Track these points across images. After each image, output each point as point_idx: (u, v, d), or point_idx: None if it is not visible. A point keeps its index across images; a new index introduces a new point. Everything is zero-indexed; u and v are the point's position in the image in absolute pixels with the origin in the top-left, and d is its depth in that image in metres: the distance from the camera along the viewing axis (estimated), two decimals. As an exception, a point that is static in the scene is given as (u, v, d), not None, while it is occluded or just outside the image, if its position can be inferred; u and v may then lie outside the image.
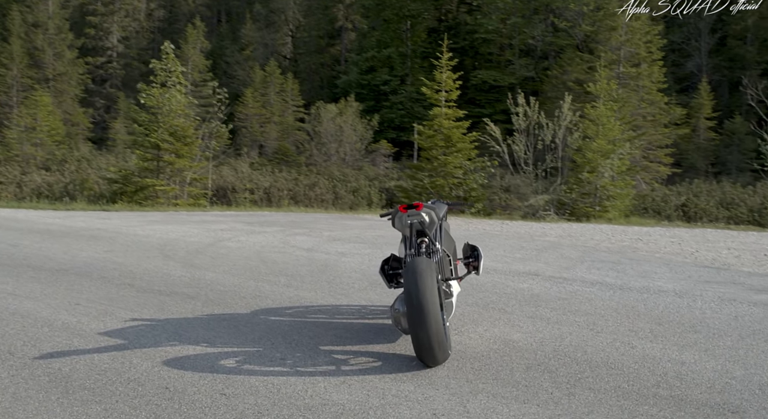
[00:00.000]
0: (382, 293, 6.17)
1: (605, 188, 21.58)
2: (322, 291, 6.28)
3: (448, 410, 3.29)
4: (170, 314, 5.33)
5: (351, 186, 35.01)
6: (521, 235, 13.27)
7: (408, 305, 3.78)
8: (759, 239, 15.86)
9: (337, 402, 3.41)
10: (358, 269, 7.62)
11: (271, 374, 3.85)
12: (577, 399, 3.44)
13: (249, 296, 6.06)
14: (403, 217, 4.23)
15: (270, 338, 4.63)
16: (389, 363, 4.04)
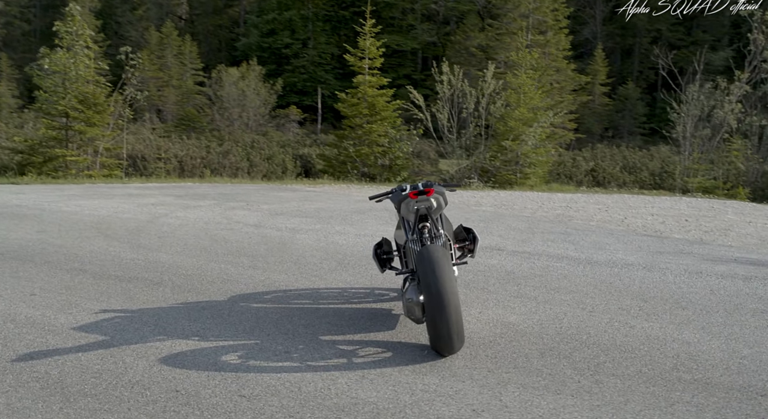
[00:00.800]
0: (356, 274, 6.05)
1: (527, 155, 21.96)
2: (293, 274, 6.07)
3: (485, 404, 3.20)
4: (142, 303, 5.01)
5: (265, 153, 34.33)
6: (458, 205, 13.33)
7: (426, 295, 3.65)
8: (673, 204, 16.57)
9: (366, 400, 3.26)
10: (318, 248, 7.42)
11: (283, 370, 3.65)
12: (606, 388, 3.42)
13: (217, 280, 5.79)
14: (411, 203, 4.06)
15: (262, 328, 4.42)
16: (399, 352, 3.92)
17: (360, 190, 17.46)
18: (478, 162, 22.31)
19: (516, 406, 3.18)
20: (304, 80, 47.86)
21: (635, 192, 22.29)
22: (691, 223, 11.76)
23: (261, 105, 37.47)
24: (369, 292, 5.40)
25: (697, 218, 13.17)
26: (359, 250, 7.31)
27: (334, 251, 7.23)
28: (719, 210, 15.49)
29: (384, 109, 23.28)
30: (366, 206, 12.30)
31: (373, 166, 22.37)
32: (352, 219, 10.23)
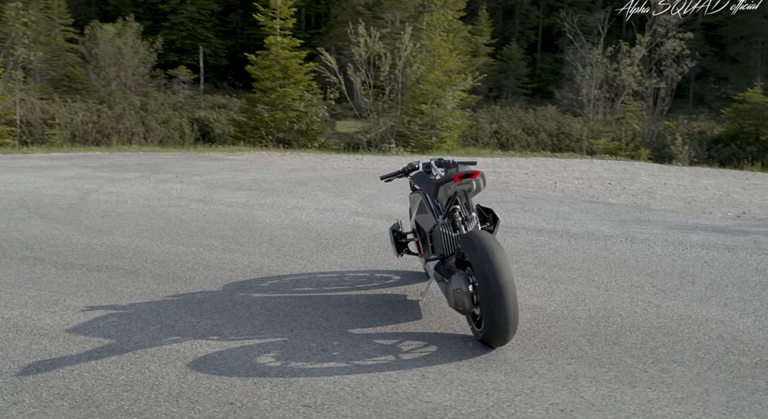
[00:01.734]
0: (343, 255, 5.85)
1: (443, 119, 22.00)
2: (276, 257, 5.74)
3: (570, 403, 3.05)
4: (128, 297, 4.58)
5: (159, 117, 32.91)
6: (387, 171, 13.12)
7: (482, 285, 3.44)
8: (589, 167, 17.07)
9: (442, 404, 3.04)
10: (285, 226, 7.10)
11: (333, 372, 3.37)
12: (677, 377, 3.35)
13: (197, 266, 5.39)
14: (452, 186, 3.82)
15: (281, 322, 4.12)
16: (443, 345, 3.72)
17: (283, 157, 16.98)
18: (395, 126, 22.14)
19: (602, 403, 3.05)
20: (183, 38, 45.52)
21: (548, 155, 22.83)
22: (616, 186, 12.09)
23: (140, 64, 35.49)
24: (370, 276, 5.15)
25: (618, 180, 13.57)
26: (329, 227, 7.03)
27: (305, 230, 6.90)
28: (633, 172, 16.05)
29: (297, 72, 22.62)
30: (303, 176, 11.95)
31: (288, 131, 21.80)
32: (298, 192, 9.86)
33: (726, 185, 13.91)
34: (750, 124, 27.42)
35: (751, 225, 7.80)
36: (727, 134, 28.17)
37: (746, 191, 12.47)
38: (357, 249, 6.01)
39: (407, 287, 4.84)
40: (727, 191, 12.43)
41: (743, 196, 11.49)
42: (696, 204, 9.77)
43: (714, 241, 6.50)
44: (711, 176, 16.71)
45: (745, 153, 25.78)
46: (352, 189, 10.43)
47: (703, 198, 10.89)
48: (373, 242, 6.31)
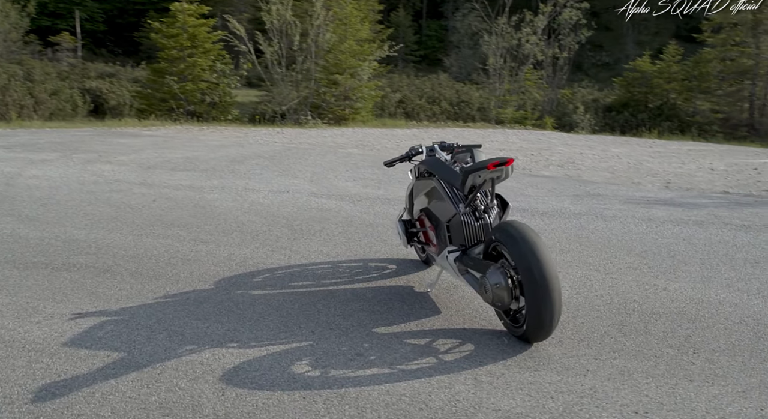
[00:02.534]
0: (324, 243, 5.63)
1: (358, 90, 21.73)
2: (254, 247, 5.48)
3: (640, 404, 3.00)
4: (116, 301, 4.22)
5: (48, 88, 30.99)
6: (322, 146, 12.93)
7: (528, 279, 3.32)
8: (505, 137, 17.37)
9: (514, 411, 2.92)
10: (247, 211, 6.79)
11: (381, 380, 3.19)
12: (729, 368, 3.37)
13: (176, 261, 5.05)
14: (483, 174, 3.67)
15: (297, 323, 3.88)
16: (480, 343, 3.60)
17: (203, 132, 16.34)
18: (309, 98, 21.69)
19: (671, 402, 3.01)
20: (56, 1, 42.74)
21: (462, 125, 23.04)
22: (539, 157, 12.37)
23: (11, 30, 33.04)
24: (364, 265, 4.96)
25: (539, 151, 13.88)
26: (294, 212, 6.78)
27: (270, 215, 6.60)
28: (547, 142, 16.44)
29: (205, 40, 21.70)
30: (234, 153, 11.51)
31: (199, 104, 20.94)
32: (240, 171, 9.47)
33: (634, 153, 14.47)
34: (639, 92, 28.56)
35: (692, 197, 8.10)
36: (619, 101, 29.26)
37: (655, 160, 13.05)
38: (336, 236, 5.79)
39: (409, 277, 4.68)
40: (639, 160, 12.95)
41: (655, 164, 12.00)
42: (619, 174, 10.11)
43: (678, 216, 6.67)
44: (618, 144, 17.33)
45: (637, 120, 26.89)
46: (294, 167, 10.11)
47: (622, 168, 11.27)
48: (348, 228, 6.10)
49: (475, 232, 3.88)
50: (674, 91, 28.23)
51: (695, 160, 13.92)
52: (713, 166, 12.73)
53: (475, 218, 3.89)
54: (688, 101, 28.48)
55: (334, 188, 8.25)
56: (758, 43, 26.02)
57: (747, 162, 13.92)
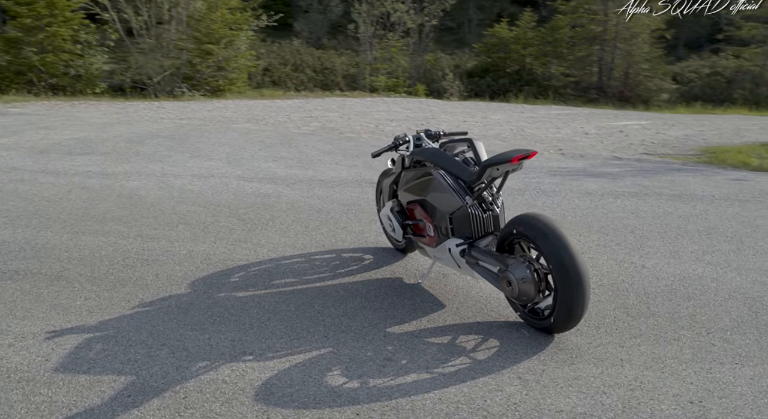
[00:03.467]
0: (285, 234, 5.38)
1: (234, 60, 20.97)
2: (212, 242, 5.15)
3: (690, 393, 3.05)
4: (88, 313, 3.81)
5: None
6: (213, 121, 12.39)
7: (561, 274, 3.29)
8: (387, 107, 17.40)
9: (576, 411, 2.86)
10: (180, 199, 6.37)
11: (427, 386, 3.04)
12: (750, 348, 3.48)
13: (132, 262, 4.65)
14: (504, 167, 3.60)
15: (304, 328, 3.65)
16: (504, 339, 3.53)
17: (75, 108, 15.17)
18: (181, 69, 20.66)
19: (718, 388, 3.07)
20: None
21: (338, 95, 22.80)
22: (431, 127, 12.50)
23: None
24: (338, 257, 4.78)
25: (425, 120, 14.10)
26: (232, 199, 6.45)
27: (208, 203, 6.23)
28: (427, 110, 16.72)
29: (65, 8, 20.05)
30: (127, 133, 10.79)
31: (62, 76, 19.39)
32: (146, 153, 8.88)
33: (512, 119, 15.04)
34: (498, 57, 29.52)
35: (601, 165, 8.48)
36: (480, 67, 30.10)
37: (532, 125, 13.72)
38: (292, 225, 5.54)
39: (392, 269, 4.55)
40: (519, 126, 13.51)
41: (535, 130, 12.63)
42: (511, 142, 10.47)
43: (611, 188, 6.92)
44: (493, 110, 17.88)
45: (498, 85, 27.81)
46: (201, 147, 9.60)
47: (509, 135, 11.73)
48: (300, 215, 5.86)
49: (483, 224, 3.80)
50: (530, 56, 29.36)
51: (567, 124, 14.66)
52: (585, 130, 13.47)
53: (483, 209, 3.80)
54: (544, 66, 29.71)
55: (258, 169, 7.89)
56: (606, 11, 27.50)
57: (611, 125, 14.89)
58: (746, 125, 16.64)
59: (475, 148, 3.99)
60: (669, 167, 8.99)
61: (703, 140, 13.22)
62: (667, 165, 9.43)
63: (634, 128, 14.97)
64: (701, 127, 15.87)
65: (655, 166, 8.90)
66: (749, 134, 14.89)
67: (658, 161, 9.75)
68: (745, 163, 10.21)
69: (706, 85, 27.91)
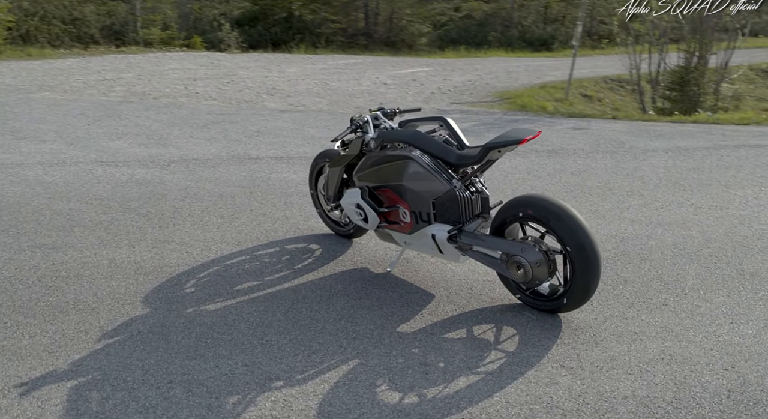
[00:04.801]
0: (208, 230, 4.90)
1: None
2: (128, 246, 4.56)
3: (724, 361, 3.25)
4: (52, 355, 3.18)
5: None
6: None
7: (580, 256, 3.35)
8: (180, 64, 16.54)
9: (636, 393, 2.91)
10: (53, 195, 5.56)
11: (486, 392, 2.94)
12: (730, 300, 3.77)
13: (55, 282, 3.98)
14: (507, 149, 3.55)
15: (309, 338, 3.38)
16: (517, 325, 3.53)
17: None
18: None
19: (741, 354, 3.24)
20: None
21: (115, 52, 21.08)
22: (241, 86, 12.82)
23: None
24: (283, 250, 4.48)
25: (228, 77, 13.89)
26: (108, 190, 5.77)
27: (86, 197, 5.50)
28: (221, 66, 16.26)
29: None
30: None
31: None
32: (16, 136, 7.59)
33: (308, 72, 15.26)
34: (265, 4, 28.78)
35: (462, 118, 8.68)
36: (248, 15, 29.04)
37: (332, 77, 14.30)
38: (203, 216, 5.10)
39: (350, 257, 4.38)
40: (321, 80, 13.81)
41: (338, 83, 13.20)
42: (333, 99, 10.72)
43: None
44: (285, 63, 17.69)
45: (271, 34, 27.28)
46: (17, 125, 8.39)
47: (321, 90, 12.24)
48: (203, 204, 5.40)
49: (472, 207, 3.73)
50: (297, 2, 28.91)
51: (361, 75, 15.08)
52: (382, 80, 14.01)
53: (470, 192, 3.73)
54: (314, 13, 29.45)
55: (110, 150, 7.09)
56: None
57: (400, 73, 15.64)
58: (511, 67, 18.15)
59: (452, 127, 3.87)
60: (501, 118, 9.52)
61: (487, 84, 14.31)
62: (491, 115, 10.02)
63: (422, 76, 15.61)
64: (476, 71, 16.99)
65: (490, 118, 9.41)
66: (519, 75, 16.28)
67: (482, 111, 10.29)
68: (543, 107, 11.09)
69: (461, 28, 29.48)
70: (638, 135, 8.64)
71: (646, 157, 7.27)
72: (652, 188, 6.00)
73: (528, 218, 3.45)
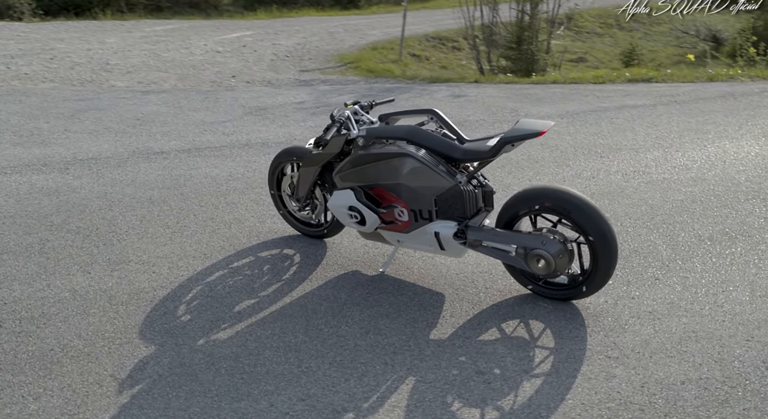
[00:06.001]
0: (158, 242, 4.47)
1: None
2: (84, 272, 4.05)
3: (755, 333, 3.50)
4: (65, 401, 2.82)
5: None
6: None
7: (603, 244, 3.41)
8: None
9: (701, 378, 3.03)
10: (33, 211, 4.80)
11: (559, 394, 2.94)
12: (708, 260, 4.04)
13: (21, 326, 3.49)
14: (520, 143, 3.55)
15: (350, 361, 3.20)
16: (546, 320, 3.53)
17: None
18: None
19: (760, 329, 3.52)
20: None
21: None
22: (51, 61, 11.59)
23: None
24: (258, 260, 4.20)
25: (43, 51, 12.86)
26: (14, 205, 5.09)
27: (37, 213, 4.83)
28: (35, 38, 14.84)
29: None
30: None
31: None
32: None
33: (131, 42, 14.72)
34: None
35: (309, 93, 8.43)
36: None
37: (158, 47, 13.99)
38: (149, 229, 4.64)
39: (333, 260, 4.18)
40: (149, 51, 13.48)
41: (169, 54, 13.00)
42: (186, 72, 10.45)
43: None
44: (98, 32, 16.38)
45: None
46: None
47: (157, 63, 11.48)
48: (138, 212, 4.90)
49: (476, 201, 3.71)
50: None
51: (187, 42, 14.69)
52: (212, 48, 13.69)
53: (473, 187, 3.70)
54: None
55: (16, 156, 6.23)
56: None
57: (225, 39, 15.32)
58: (330, 27, 18.32)
59: (443, 119, 3.80)
60: (375, 87, 9.50)
61: (317, 47, 14.42)
62: (355, 83, 10.09)
63: (250, 41, 15.23)
64: (299, 33, 16.92)
65: (362, 87, 9.33)
66: (343, 36, 16.43)
67: (342, 80, 10.31)
68: (390, 71, 11.21)
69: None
70: (518, 100, 8.93)
71: (599, 122, 7.57)
72: (571, 157, 6.24)
73: (545, 210, 3.46)
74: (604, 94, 9.42)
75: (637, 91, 9.75)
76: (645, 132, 7.18)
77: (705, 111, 8.09)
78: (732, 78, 10.83)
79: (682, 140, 6.84)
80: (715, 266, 4.06)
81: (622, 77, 10.95)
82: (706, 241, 4.40)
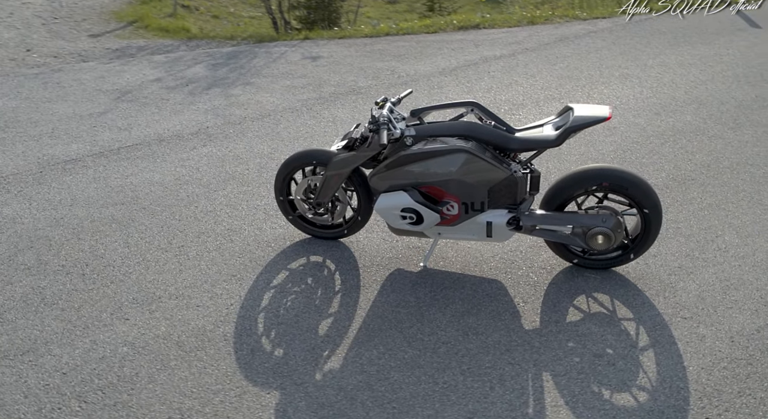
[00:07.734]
0: (174, 268, 4.11)
1: None
2: (144, 318, 3.62)
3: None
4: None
5: None
6: None
7: (656, 214, 3.68)
8: None
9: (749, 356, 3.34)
10: None
11: (678, 368, 3.18)
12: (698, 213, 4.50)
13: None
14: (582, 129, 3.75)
15: (480, 366, 3.24)
16: (618, 295, 3.75)
17: None
18: None
19: None
20: None
21: None
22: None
23: None
24: (303, 272, 4.06)
25: None
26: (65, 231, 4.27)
27: (29, 245, 4.11)
28: None
29: None
30: None
31: None
32: None
33: None
34: None
35: (137, 63, 8.03)
36: None
37: None
38: (145, 255, 4.18)
39: (371, 260, 4.10)
40: None
41: None
42: None
43: (281, 101, 6.85)
44: None
45: None
46: None
47: None
48: (107, 237, 4.40)
49: (526, 188, 3.89)
50: None
51: None
52: None
53: (523, 174, 3.86)
54: None
55: None
56: None
57: None
58: None
59: (488, 111, 3.87)
60: (219, 53, 8.69)
61: (74, 2, 12.20)
62: (177, 48, 9.28)
63: None
64: None
65: (189, 56, 8.54)
66: None
67: (150, 45, 9.30)
68: (186, 29, 10.40)
69: None
70: (382, 58, 8.40)
71: (482, 76, 7.62)
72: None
73: (603, 189, 3.70)
74: (459, 46, 9.43)
75: (483, 40, 9.76)
76: (528, 83, 7.51)
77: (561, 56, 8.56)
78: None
79: (579, 83, 7.26)
80: (708, 227, 4.53)
81: (450, 25, 10.84)
82: (668, 188, 4.85)
